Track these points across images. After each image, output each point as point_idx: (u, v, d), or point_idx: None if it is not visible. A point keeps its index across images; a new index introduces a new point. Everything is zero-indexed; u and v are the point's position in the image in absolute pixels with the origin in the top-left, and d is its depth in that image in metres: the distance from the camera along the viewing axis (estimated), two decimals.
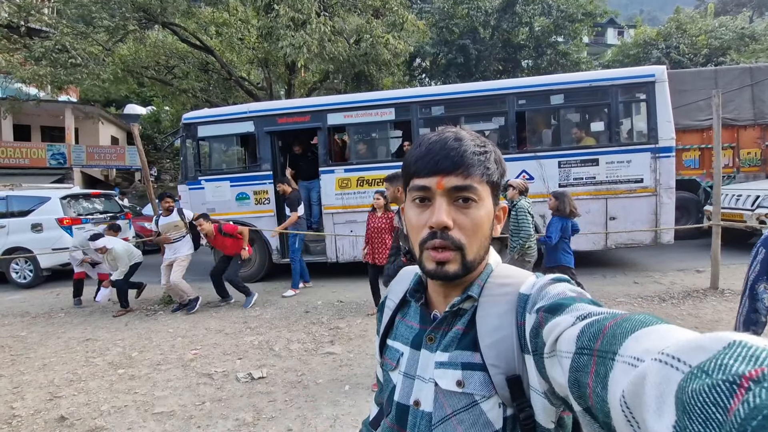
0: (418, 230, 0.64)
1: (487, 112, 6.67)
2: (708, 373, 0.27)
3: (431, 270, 0.63)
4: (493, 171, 0.64)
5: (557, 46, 16.43)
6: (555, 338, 0.47)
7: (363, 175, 6.50)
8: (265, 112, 6.71)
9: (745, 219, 6.78)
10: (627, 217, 6.01)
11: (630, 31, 23.05)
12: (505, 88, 6.29)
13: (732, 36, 16.18)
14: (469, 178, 0.61)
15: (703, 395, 0.26)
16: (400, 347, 0.72)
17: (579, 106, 6.55)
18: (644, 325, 0.38)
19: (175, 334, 4.56)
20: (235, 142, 7.40)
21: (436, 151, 0.63)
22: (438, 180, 0.62)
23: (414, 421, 0.65)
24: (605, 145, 6.11)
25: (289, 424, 2.72)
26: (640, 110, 6.20)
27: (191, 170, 6.89)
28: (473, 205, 0.62)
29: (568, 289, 0.55)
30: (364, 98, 6.70)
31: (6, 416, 2.99)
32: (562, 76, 6.61)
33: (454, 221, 0.61)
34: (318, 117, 6.55)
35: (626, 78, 6.06)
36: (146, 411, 2.98)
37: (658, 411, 0.29)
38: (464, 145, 0.63)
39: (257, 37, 10.58)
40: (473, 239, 0.63)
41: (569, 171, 6.08)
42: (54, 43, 9.76)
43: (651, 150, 5.91)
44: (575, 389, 0.42)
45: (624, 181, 5.98)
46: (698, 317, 4.20)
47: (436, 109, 6.52)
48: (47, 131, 17.92)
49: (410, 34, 11.69)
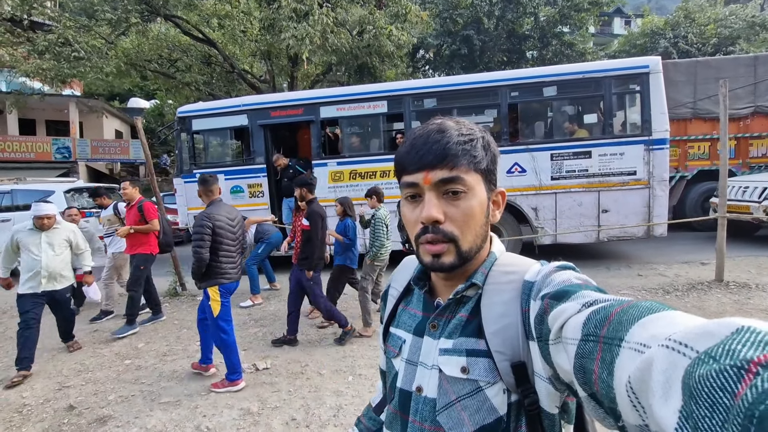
0: (413, 226, 0.64)
1: (480, 105, 6.62)
2: (715, 359, 0.27)
3: (428, 263, 0.64)
4: (480, 158, 0.63)
5: (563, 36, 16.19)
6: (560, 325, 0.47)
7: (356, 168, 6.51)
8: (259, 106, 6.74)
9: (752, 211, 6.72)
10: (620, 210, 5.99)
11: (637, 20, 22.65)
12: (498, 80, 6.27)
13: (742, 25, 15.86)
14: (456, 170, 0.61)
15: (711, 380, 0.26)
16: (402, 334, 0.72)
17: (572, 98, 6.49)
18: (651, 311, 0.38)
19: (180, 326, 4.61)
20: (230, 136, 7.41)
21: (419, 145, 0.63)
22: (424, 175, 0.62)
23: (416, 407, 0.65)
24: (598, 138, 6.07)
25: (293, 414, 2.76)
26: (635, 102, 6.13)
27: (186, 163, 6.93)
28: (463, 196, 0.62)
29: (574, 276, 0.55)
30: (357, 91, 6.71)
31: (16, 405, 3.05)
32: (555, 67, 6.54)
33: (444, 214, 0.61)
34: (311, 110, 6.57)
35: (620, 69, 6.00)
36: (153, 400, 3.03)
37: (665, 396, 0.29)
38: (446, 136, 0.62)
39: (259, 29, 10.50)
40: (466, 230, 0.62)
41: (562, 163, 6.06)
42: (57, 36, 9.76)
43: (644, 142, 5.86)
44: (580, 375, 0.42)
45: (617, 174, 5.94)
46: (702, 309, 4.18)
47: (429, 101, 6.50)
48: (52, 125, 18.01)
49: (413, 25, 11.56)
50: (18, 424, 2.82)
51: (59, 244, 3.71)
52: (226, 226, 3.16)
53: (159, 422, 2.75)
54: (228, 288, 3.18)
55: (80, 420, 2.83)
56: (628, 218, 5.97)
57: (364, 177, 6.45)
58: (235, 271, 3.21)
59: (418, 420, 0.65)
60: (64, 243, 3.75)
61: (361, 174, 6.49)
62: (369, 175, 6.45)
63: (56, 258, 3.66)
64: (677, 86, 7.55)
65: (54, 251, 3.66)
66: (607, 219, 6.01)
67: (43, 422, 2.83)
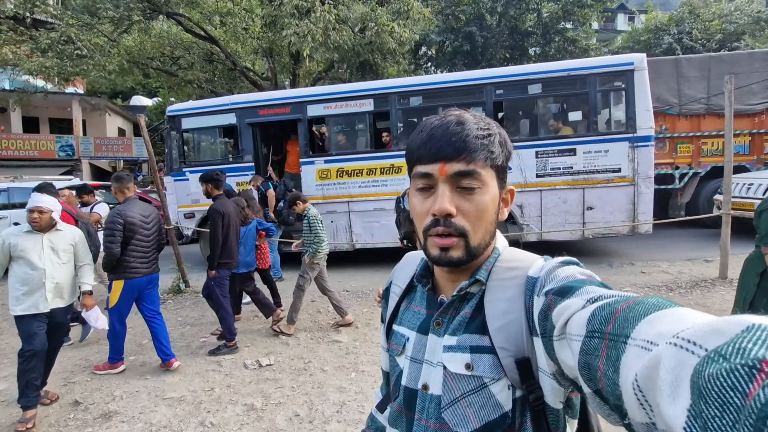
0: (422, 217, 0.63)
1: (465, 102, 6.57)
2: (725, 357, 0.26)
3: (435, 256, 0.63)
4: (497, 154, 0.63)
5: (565, 32, 16.07)
6: (565, 321, 0.47)
7: (343, 166, 6.53)
8: (247, 104, 6.78)
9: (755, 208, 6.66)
10: (604, 207, 5.99)
11: (641, 16, 22.48)
12: (483, 77, 6.28)
13: (747, 20, 15.70)
14: (473, 164, 0.60)
15: (721, 379, 0.25)
16: (406, 332, 0.72)
17: (557, 96, 6.49)
18: (657, 308, 0.37)
19: (183, 323, 4.63)
20: (219, 134, 7.44)
21: (438, 136, 0.62)
22: (440, 166, 0.61)
23: (423, 405, 0.65)
24: (583, 135, 6.07)
25: (296, 410, 2.77)
26: (621, 99, 6.11)
27: (176, 162, 6.98)
28: (477, 191, 0.61)
29: (578, 272, 0.55)
30: (344, 89, 6.74)
31: None
32: (540, 65, 6.55)
33: (457, 208, 0.61)
34: (298, 108, 6.61)
35: (605, 66, 6.00)
36: (157, 396, 3.05)
37: (673, 395, 0.29)
38: (467, 129, 0.61)
39: (261, 27, 10.49)
40: (477, 225, 0.62)
41: (546, 161, 6.07)
42: (59, 34, 9.78)
43: (629, 139, 5.85)
44: (585, 372, 0.42)
45: (601, 171, 5.94)
46: (706, 307, 4.17)
47: (414, 99, 6.51)
48: (55, 123, 18.06)
49: (416, 21, 11.50)
50: None
51: (64, 250, 2.98)
52: (139, 222, 3.32)
53: (164, 417, 2.77)
54: (134, 284, 3.34)
55: (86, 415, 2.86)
56: (613, 215, 5.98)
57: (351, 175, 6.48)
58: (145, 267, 3.39)
59: (424, 418, 0.65)
60: (69, 248, 3.02)
61: (348, 172, 6.51)
62: (356, 173, 6.47)
63: (63, 267, 2.96)
64: (690, 82, 7.48)
65: (59, 258, 2.95)
66: (592, 216, 6.03)
67: (49, 417, 2.86)
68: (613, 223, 5.98)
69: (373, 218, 6.54)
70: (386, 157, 6.41)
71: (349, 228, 6.61)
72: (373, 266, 6.60)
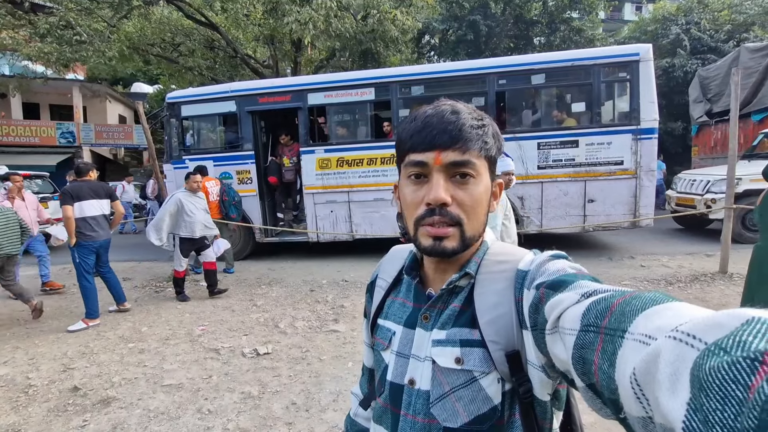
0: (414, 207, 0.62)
1: (467, 92, 6.51)
2: (726, 350, 0.26)
3: (428, 246, 0.61)
4: (491, 145, 0.62)
5: (571, 22, 15.80)
6: (558, 315, 0.46)
7: (343, 156, 6.49)
8: (247, 92, 6.71)
9: (695, 204, 6.67)
10: (606, 200, 5.95)
11: (649, 5, 22.08)
12: (485, 67, 6.20)
13: (757, 11, 15.40)
14: (468, 153, 0.59)
15: (722, 372, 0.25)
16: (392, 326, 0.70)
17: (560, 86, 6.40)
18: (654, 302, 0.37)
19: (183, 311, 4.66)
20: (218, 122, 7.39)
21: (433, 124, 0.60)
22: (435, 155, 0.59)
23: (409, 400, 0.64)
24: (585, 126, 6.00)
25: (293, 398, 2.79)
26: (625, 90, 6.03)
27: (176, 149, 6.93)
28: (471, 180, 0.60)
29: (568, 266, 0.55)
30: (345, 78, 6.66)
31: (23, 386, 3.11)
32: (544, 55, 6.48)
33: (452, 197, 0.60)
34: (298, 97, 6.54)
35: (610, 57, 5.90)
36: (155, 383, 3.07)
37: (672, 389, 0.29)
38: (462, 118, 0.60)
39: (263, 13, 10.34)
40: (472, 215, 0.61)
41: (548, 152, 6.02)
42: (58, 19, 9.64)
43: (632, 131, 5.78)
44: (579, 366, 0.42)
45: (604, 163, 5.89)
46: (705, 301, 4.17)
47: (416, 88, 6.44)
48: (56, 110, 17.98)
49: (419, 9, 11.34)
50: (24, 403, 2.87)
51: None
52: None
53: (162, 404, 2.79)
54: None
55: (85, 401, 2.88)
56: (614, 208, 5.95)
57: (351, 165, 6.44)
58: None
59: (410, 413, 0.64)
60: None
61: (348, 162, 6.47)
62: (356, 163, 6.44)
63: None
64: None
65: None
66: (594, 209, 5.99)
67: (49, 402, 2.88)
68: (614, 215, 5.95)
69: (372, 208, 6.52)
70: (387, 147, 6.36)
71: (348, 218, 6.60)
72: (374, 256, 6.60)
